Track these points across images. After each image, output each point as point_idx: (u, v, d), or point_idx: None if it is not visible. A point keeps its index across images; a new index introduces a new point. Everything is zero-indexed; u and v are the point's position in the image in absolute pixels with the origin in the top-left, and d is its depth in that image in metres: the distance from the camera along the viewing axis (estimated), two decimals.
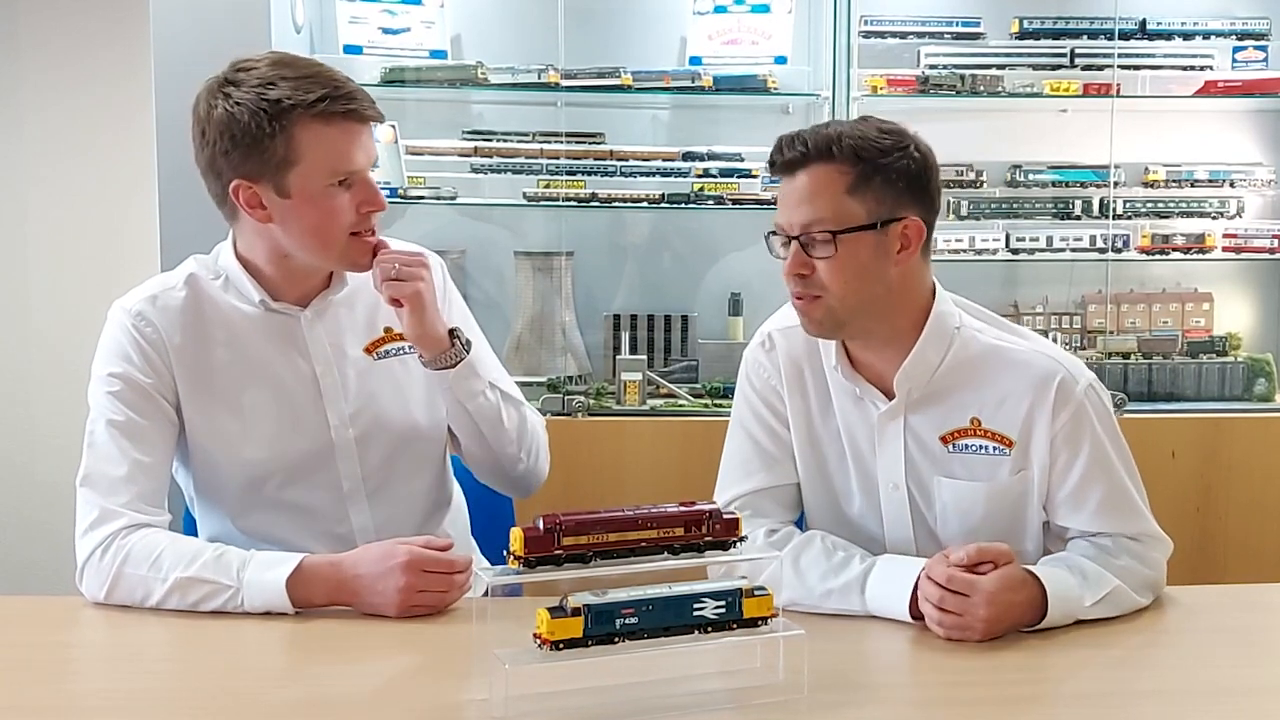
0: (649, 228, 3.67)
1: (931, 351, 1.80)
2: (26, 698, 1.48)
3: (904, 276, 1.77)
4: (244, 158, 1.79)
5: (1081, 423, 1.78)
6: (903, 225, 1.74)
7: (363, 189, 1.84)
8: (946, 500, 1.83)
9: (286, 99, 1.76)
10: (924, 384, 1.81)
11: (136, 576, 1.75)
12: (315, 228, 1.83)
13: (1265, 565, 3.19)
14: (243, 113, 1.77)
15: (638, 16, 3.60)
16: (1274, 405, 3.44)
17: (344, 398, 1.95)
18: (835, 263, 1.73)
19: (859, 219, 1.72)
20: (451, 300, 2.07)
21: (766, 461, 1.90)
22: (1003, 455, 1.80)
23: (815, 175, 1.72)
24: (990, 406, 1.80)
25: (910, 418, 1.83)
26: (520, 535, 1.40)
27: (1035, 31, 3.49)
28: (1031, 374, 1.79)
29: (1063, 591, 1.67)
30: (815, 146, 1.72)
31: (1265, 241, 3.52)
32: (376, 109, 1.84)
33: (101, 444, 1.83)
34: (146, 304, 1.89)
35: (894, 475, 1.84)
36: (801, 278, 1.75)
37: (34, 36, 3.54)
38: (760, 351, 1.94)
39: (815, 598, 1.75)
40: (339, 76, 1.83)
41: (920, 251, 1.78)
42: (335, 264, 1.90)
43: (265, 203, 1.82)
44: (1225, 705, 1.48)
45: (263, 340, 1.92)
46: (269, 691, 1.51)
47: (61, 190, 3.57)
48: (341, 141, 1.80)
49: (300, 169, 1.79)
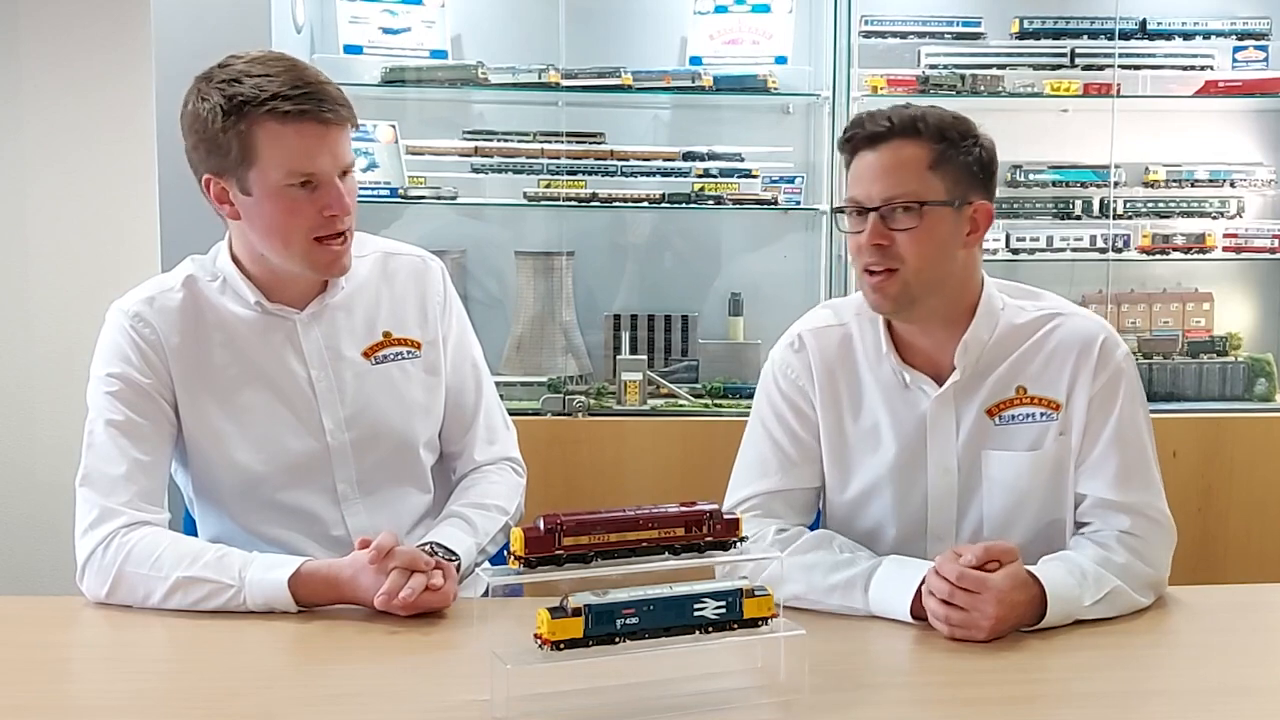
0: (649, 228, 3.67)
1: (984, 328, 1.85)
2: (27, 698, 1.48)
3: (968, 260, 1.83)
4: (208, 153, 1.80)
5: (1117, 386, 1.82)
6: (973, 208, 1.80)
7: (326, 192, 1.81)
8: (994, 474, 1.85)
9: (242, 96, 1.76)
10: (975, 361, 1.84)
11: (138, 575, 1.75)
12: (274, 227, 1.83)
13: (1265, 565, 3.19)
14: (205, 109, 1.78)
15: (638, 16, 3.60)
16: (1274, 405, 3.44)
17: (340, 402, 1.94)
18: (917, 234, 1.76)
19: (940, 195, 1.77)
20: (451, 307, 2.07)
21: (784, 464, 1.91)
22: (1050, 420, 1.84)
23: (899, 150, 1.77)
24: (1035, 372, 1.84)
25: (959, 400, 1.85)
26: (521, 535, 1.40)
27: (1035, 31, 3.50)
28: (1076, 335, 1.84)
29: (1062, 591, 1.67)
30: (900, 123, 1.77)
31: (1265, 241, 3.52)
32: (344, 113, 1.80)
33: (101, 443, 1.84)
34: (144, 305, 1.90)
35: (946, 459, 1.86)
36: (879, 249, 1.77)
37: (34, 37, 3.54)
38: (789, 352, 1.94)
39: (819, 593, 1.75)
40: (309, 78, 1.79)
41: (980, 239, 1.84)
42: (298, 267, 1.87)
43: (232, 199, 1.83)
44: (1226, 705, 1.48)
45: (259, 343, 1.92)
46: (269, 691, 1.51)
47: (62, 190, 3.56)
48: (299, 142, 1.78)
49: (258, 168, 1.79)
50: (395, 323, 2.00)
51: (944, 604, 1.63)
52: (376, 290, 2.00)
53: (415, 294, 2.03)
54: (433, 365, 2.02)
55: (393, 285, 2.02)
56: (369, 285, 1.99)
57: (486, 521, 1.96)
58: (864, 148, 1.79)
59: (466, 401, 2.07)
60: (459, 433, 2.06)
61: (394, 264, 2.03)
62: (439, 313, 2.04)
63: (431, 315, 2.03)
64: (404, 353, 1.99)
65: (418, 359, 2.01)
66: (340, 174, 1.82)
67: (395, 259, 2.03)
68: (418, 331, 2.01)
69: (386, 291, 2.01)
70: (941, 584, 1.64)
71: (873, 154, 1.78)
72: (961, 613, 1.62)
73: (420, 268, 2.05)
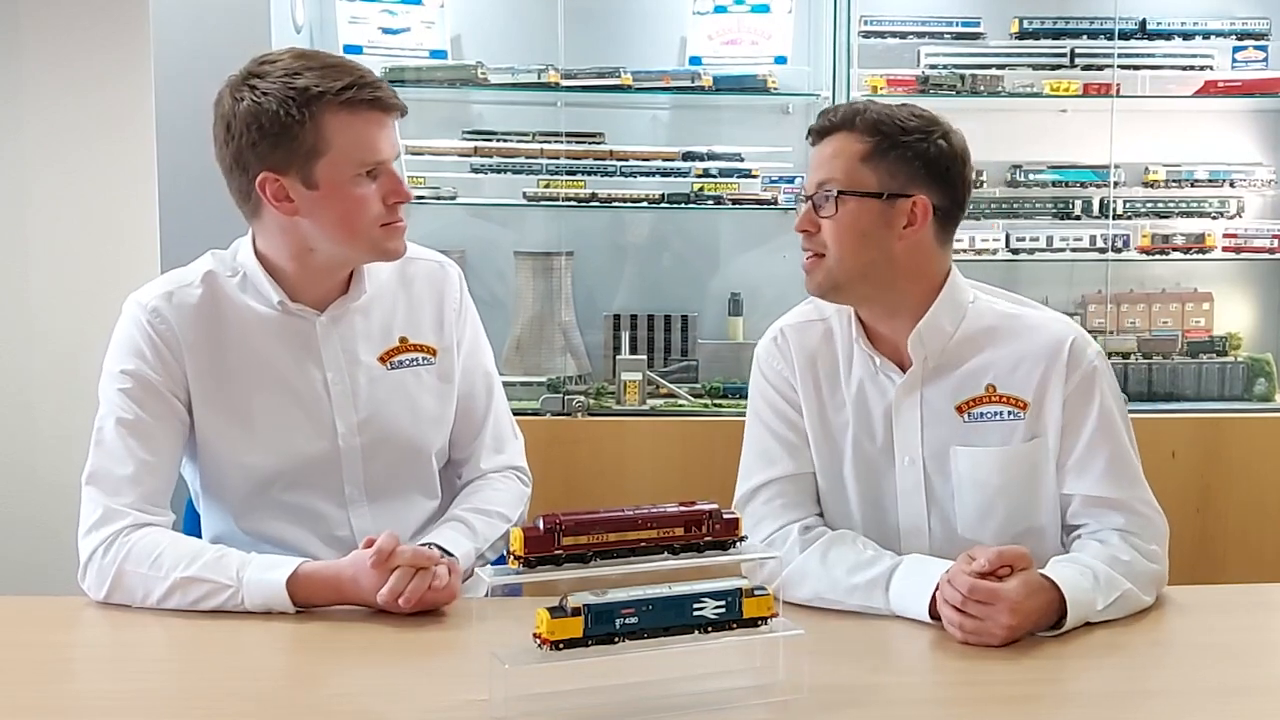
0: (649, 228, 3.68)
1: (945, 319, 1.86)
2: (27, 698, 1.48)
3: (911, 251, 1.84)
4: (272, 148, 1.78)
5: (1091, 386, 1.83)
6: (911, 202, 1.82)
7: (389, 180, 1.84)
8: (963, 470, 1.85)
9: (314, 87, 1.76)
10: (939, 352, 1.86)
11: (137, 575, 1.75)
12: (343, 219, 1.83)
13: (1265, 565, 3.19)
14: (270, 102, 1.76)
15: (638, 16, 3.60)
16: (1274, 405, 3.44)
17: (354, 406, 1.94)
18: (836, 223, 1.82)
19: (868, 186, 1.81)
20: (466, 313, 2.06)
21: (788, 449, 1.93)
22: (1017, 419, 1.84)
23: (836, 142, 1.84)
24: (1005, 371, 1.85)
25: (926, 390, 1.87)
26: (520, 535, 1.40)
27: (1035, 31, 3.49)
28: (1045, 338, 1.86)
29: (1079, 596, 1.67)
30: (842, 117, 1.85)
31: (1265, 241, 3.52)
32: (400, 100, 1.85)
33: (109, 441, 1.84)
34: (162, 300, 1.89)
35: (910, 449, 1.87)
36: (806, 234, 1.86)
37: (34, 37, 3.54)
38: (772, 345, 1.99)
39: (840, 592, 1.76)
40: (362, 67, 1.83)
41: (936, 234, 1.85)
42: (365, 254, 1.89)
43: (292, 195, 1.81)
44: (1226, 705, 1.48)
45: (276, 343, 1.92)
46: (269, 691, 1.51)
47: (62, 190, 3.56)
48: (368, 131, 1.80)
49: (328, 159, 1.79)
50: (411, 328, 2.00)
51: (958, 611, 1.63)
52: (394, 295, 2.00)
53: (432, 300, 2.02)
54: (446, 372, 2.02)
55: (410, 290, 2.01)
56: (387, 290, 1.99)
57: (487, 527, 1.96)
58: (815, 140, 1.88)
59: (476, 407, 2.06)
60: (467, 439, 2.06)
61: (412, 269, 2.02)
62: (455, 319, 2.03)
63: (447, 321, 2.03)
64: (419, 359, 1.99)
65: (432, 365, 2.00)
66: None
67: (413, 264, 2.03)
68: (433, 338, 2.01)
69: (404, 296, 2.01)
70: (954, 593, 1.64)
71: (817, 146, 1.87)
72: (976, 621, 1.62)
73: (438, 273, 2.05)
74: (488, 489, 2.04)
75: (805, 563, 1.80)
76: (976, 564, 1.65)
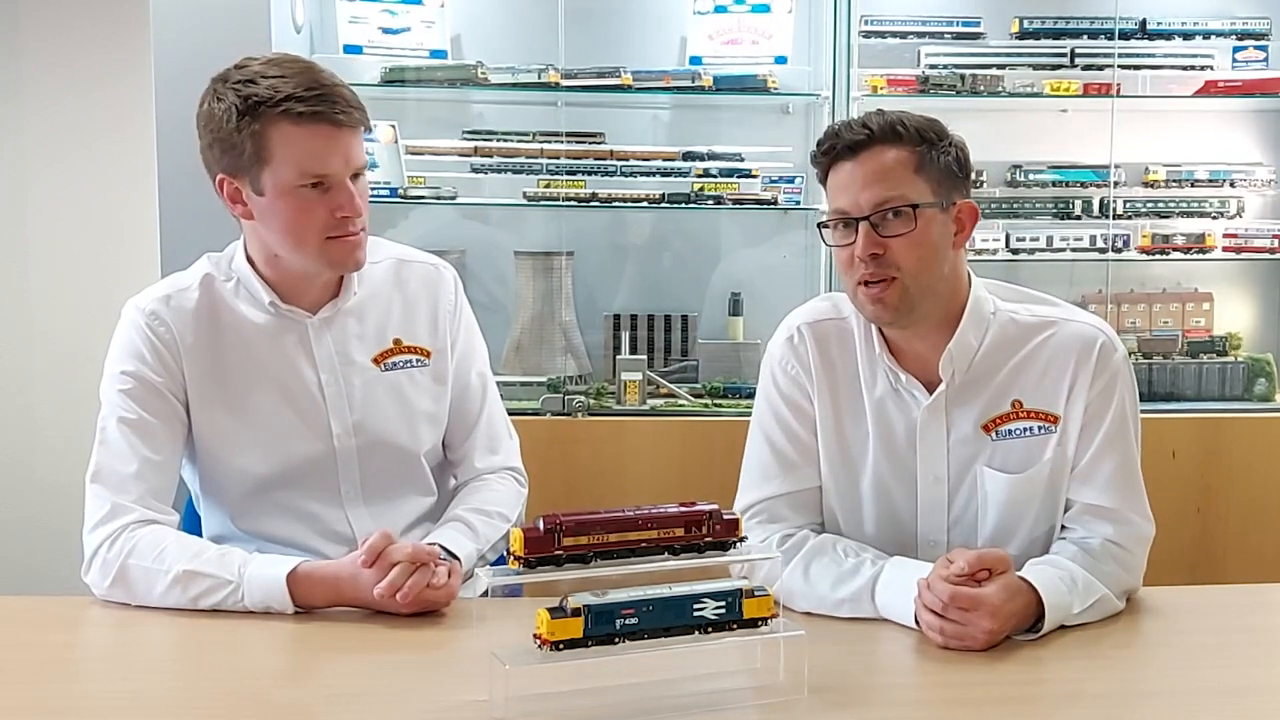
0: (649, 228, 3.67)
1: (972, 334, 1.81)
2: (29, 697, 1.48)
3: (956, 261, 1.81)
4: (222, 153, 1.81)
5: (1112, 390, 1.80)
6: (958, 209, 1.78)
7: (338, 194, 1.81)
8: (989, 491, 1.82)
9: (256, 97, 1.77)
10: (964, 369, 1.82)
11: (140, 569, 1.76)
12: (289, 227, 1.83)
13: (1265, 565, 3.19)
14: (221, 109, 1.79)
15: (638, 16, 3.60)
16: (1274, 405, 3.44)
17: (348, 407, 1.95)
18: (912, 239, 1.73)
19: (928, 196, 1.75)
20: (461, 314, 2.07)
21: (785, 467, 1.88)
22: (1048, 433, 1.80)
23: (882, 155, 1.74)
24: (1031, 384, 1.81)
25: (951, 409, 1.82)
26: (520, 536, 1.40)
27: (1035, 31, 3.49)
28: (1073, 341, 1.81)
29: (1056, 600, 1.66)
30: (880, 128, 1.74)
31: (1265, 241, 3.52)
32: (356, 116, 1.81)
33: (113, 440, 1.85)
34: (160, 304, 1.90)
35: (935, 467, 1.83)
36: (875, 258, 1.73)
37: (34, 37, 3.54)
38: (787, 346, 1.90)
39: (828, 607, 1.74)
40: (324, 80, 1.80)
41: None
42: (313, 265, 1.88)
43: (245, 199, 1.84)
44: (1226, 705, 1.48)
45: (271, 346, 1.92)
46: (270, 691, 1.51)
47: (62, 190, 3.56)
48: (312, 143, 1.79)
49: (271, 168, 1.80)
50: (406, 330, 2.00)
51: (938, 616, 1.62)
52: (389, 297, 2.00)
53: (427, 302, 2.03)
54: (441, 374, 2.03)
55: (405, 292, 2.02)
56: (381, 292, 2.00)
57: (488, 528, 1.96)
58: (844, 158, 1.75)
59: (469, 408, 2.07)
60: (460, 439, 2.07)
61: (407, 271, 2.03)
62: (449, 321, 2.04)
63: (442, 323, 2.03)
64: (413, 360, 2.00)
65: (426, 367, 2.01)
66: (352, 176, 1.83)
67: (409, 266, 2.04)
68: (428, 340, 2.01)
69: (398, 299, 2.01)
70: (934, 599, 1.62)
71: (853, 163, 1.75)
72: (956, 626, 1.61)
73: (433, 275, 2.05)
74: (487, 489, 2.04)
75: (789, 581, 1.76)
76: (955, 567, 1.62)
